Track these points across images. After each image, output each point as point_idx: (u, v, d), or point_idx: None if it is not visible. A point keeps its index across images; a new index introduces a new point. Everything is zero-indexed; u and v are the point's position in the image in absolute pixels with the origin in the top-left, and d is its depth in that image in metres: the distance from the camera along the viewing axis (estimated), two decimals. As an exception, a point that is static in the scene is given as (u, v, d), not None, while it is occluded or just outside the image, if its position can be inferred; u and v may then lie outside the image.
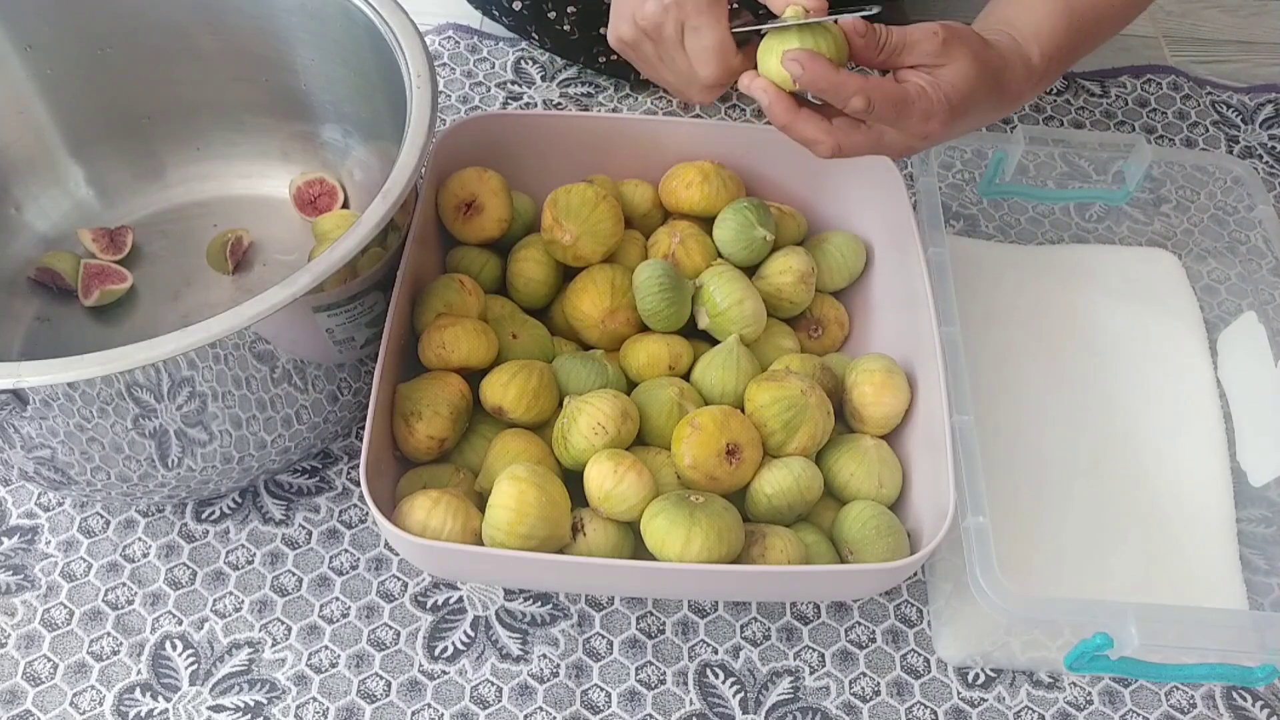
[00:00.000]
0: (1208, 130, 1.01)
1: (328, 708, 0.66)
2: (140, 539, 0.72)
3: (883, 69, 0.59)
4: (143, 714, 0.65)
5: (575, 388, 0.68)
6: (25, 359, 0.53)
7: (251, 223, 0.85)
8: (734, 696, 0.67)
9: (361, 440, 0.62)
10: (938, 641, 0.69)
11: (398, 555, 0.72)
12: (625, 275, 0.72)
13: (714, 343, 0.72)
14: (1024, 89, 0.61)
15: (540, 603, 0.70)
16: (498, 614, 0.70)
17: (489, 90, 1.00)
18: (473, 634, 0.69)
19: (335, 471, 0.75)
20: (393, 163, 0.63)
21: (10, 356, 0.77)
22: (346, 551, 0.72)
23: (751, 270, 0.76)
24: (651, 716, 0.66)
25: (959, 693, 0.68)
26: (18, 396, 0.55)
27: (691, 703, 0.67)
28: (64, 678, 0.66)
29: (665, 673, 0.68)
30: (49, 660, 0.67)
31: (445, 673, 0.67)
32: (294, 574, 0.71)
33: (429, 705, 0.66)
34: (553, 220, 0.72)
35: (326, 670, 0.67)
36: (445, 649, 0.68)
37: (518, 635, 0.69)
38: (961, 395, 0.64)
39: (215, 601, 0.70)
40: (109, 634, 0.68)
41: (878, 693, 0.68)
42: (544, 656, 0.68)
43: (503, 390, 0.66)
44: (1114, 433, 0.76)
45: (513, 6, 0.96)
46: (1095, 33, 0.64)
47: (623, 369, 0.71)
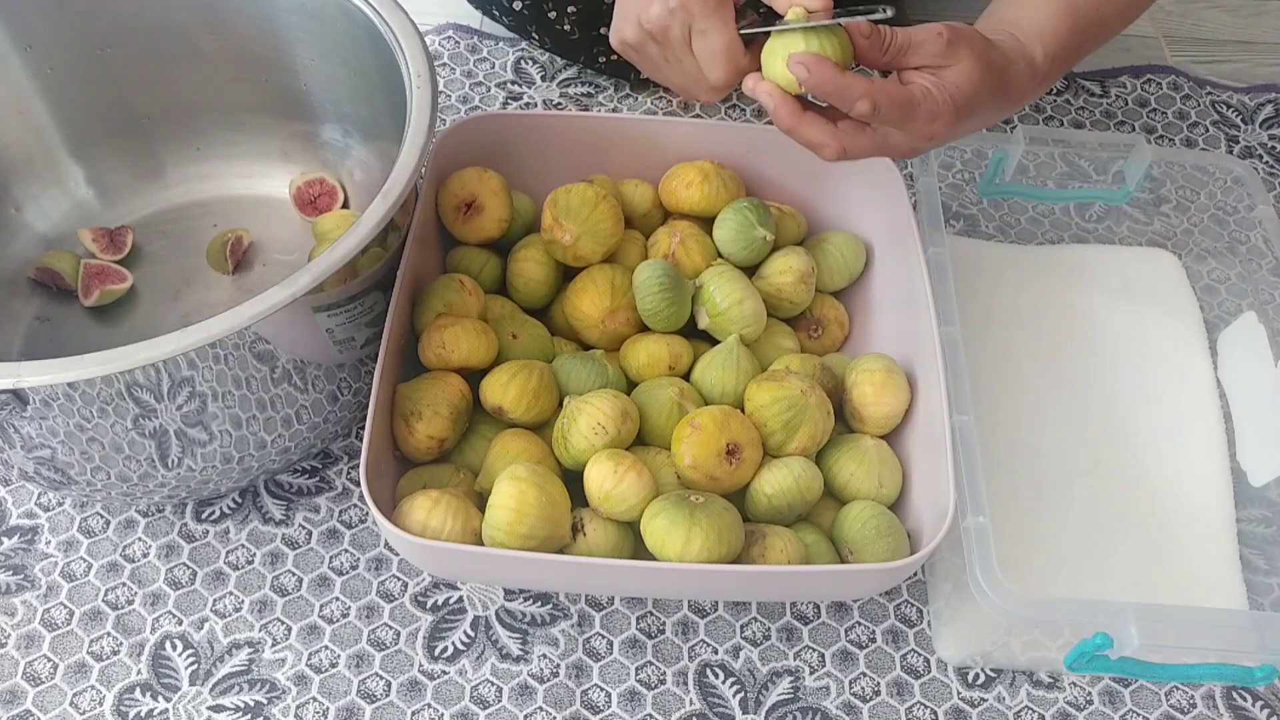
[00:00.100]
0: (1208, 130, 1.01)
1: (328, 708, 0.66)
2: (140, 539, 0.72)
3: (887, 70, 0.58)
4: (143, 714, 0.65)
5: (575, 388, 0.68)
6: (25, 359, 0.53)
7: (251, 223, 0.85)
8: (734, 696, 0.67)
9: (361, 440, 0.62)
10: (938, 641, 0.69)
11: (398, 555, 0.72)
12: (625, 275, 0.72)
13: (714, 343, 0.72)
14: (1028, 89, 0.61)
15: (540, 603, 0.70)
16: (498, 614, 0.70)
17: (489, 90, 1.00)
18: (473, 634, 0.69)
19: (335, 471, 0.75)
20: (393, 163, 0.63)
21: (10, 356, 0.77)
22: (346, 551, 0.72)
23: (751, 270, 0.76)
24: (651, 716, 0.66)
25: (959, 693, 0.68)
26: (18, 396, 0.55)
27: (691, 703, 0.67)
28: (64, 678, 0.66)
29: (665, 673, 0.68)
30: (49, 660, 0.67)
31: (445, 673, 0.67)
32: (294, 574, 0.71)
33: (429, 705, 0.66)
34: (553, 220, 0.72)
35: (326, 670, 0.67)
36: (445, 649, 0.68)
37: (518, 635, 0.69)
38: (961, 395, 0.64)
39: (215, 601, 0.70)
40: (109, 634, 0.68)
41: (878, 693, 0.68)
42: (544, 656, 0.68)
43: (503, 390, 0.66)
44: (1114, 433, 0.76)
45: (513, 6, 0.96)
46: (1098, 32, 0.64)
47: (623, 369, 0.71)
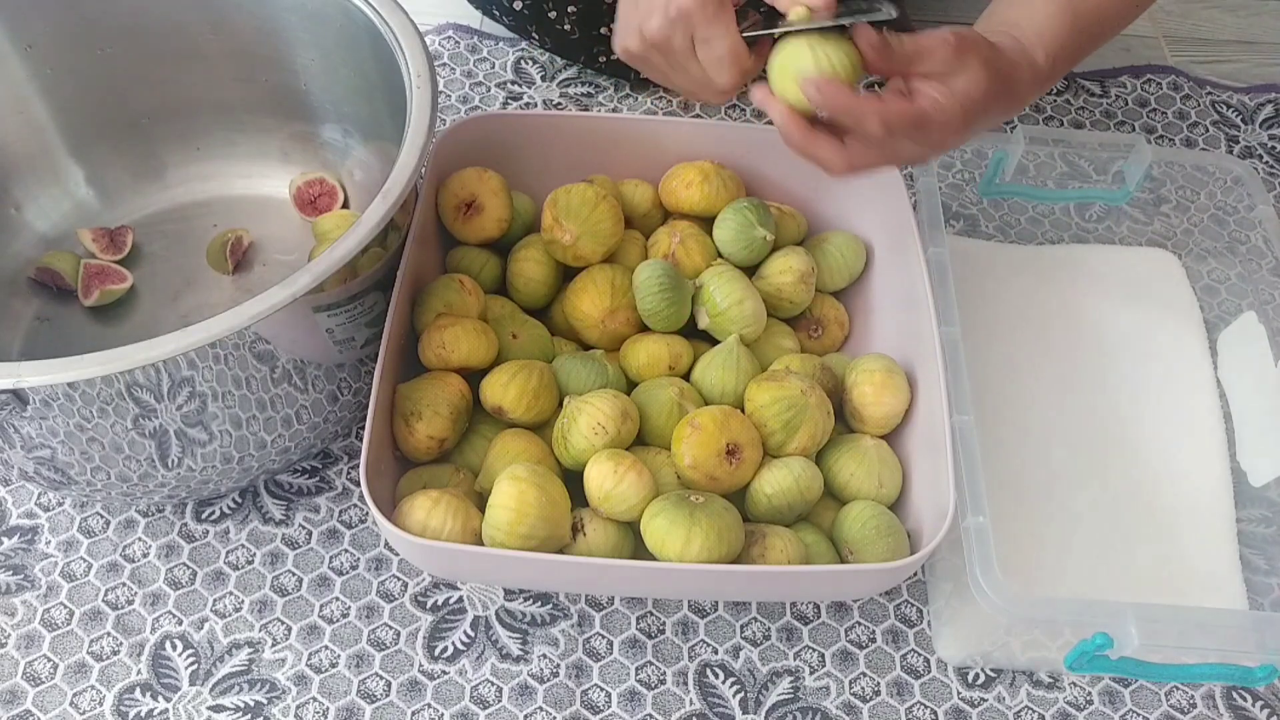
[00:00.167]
0: (1208, 130, 1.01)
1: (328, 708, 0.66)
2: (140, 539, 0.72)
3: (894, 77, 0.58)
4: (143, 714, 0.65)
5: (575, 388, 0.68)
6: (25, 359, 0.53)
7: (251, 223, 0.85)
8: (734, 696, 0.67)
9: (361, 440, 0.62)
10: (938, 641, 0.69)
11: (398, 555, 0.72)
12: (625, 275, 0.72)
13: (714, 343, 0.72)
14: (1031, 91, 0.61)
15: (540, 603, 0.70)
16: (498, 614, 0.70)
17: (489, 90, 1.00)
18: (473, 634, 0.69)
19: (335, 471, 0.75)
20: (393, 163, 0.63)
21: (10, 356, 0.77)
22: (346, 551, 0.72)
23: (751, 270, 0.76)
24: (651, 716, 0.66)
25: (959, 693, 0.68)
26: (18, 396, 0.55)
27: (691, 703, 0.67)
28: (64, 678, 0.66)
29: (665, 673, 0.68)
30: (49, 660, 0.67)
31: (445, 673, 0.67)
32: (294, 574, 0.71)
33: (429, 705, 0.66)
34: (553, 220, 0.72)
35: (326, 670, 0.67)
36: (445, 649, 0.68)
37: (518, 635, 0.69)
38: (961, 395, 0.64)
39: (215, 601, 0.70)
40: (109, 634, 0.68)
41: (878, 693, 0.68)
42: (544, 656, 0.68)
43: (503, 390, 0.66)
44: (1114, 433, 0.76)
45: (513, 6, 0.96)
46: (1098, 32, 0.64)
47: (623, 369, 0.71)
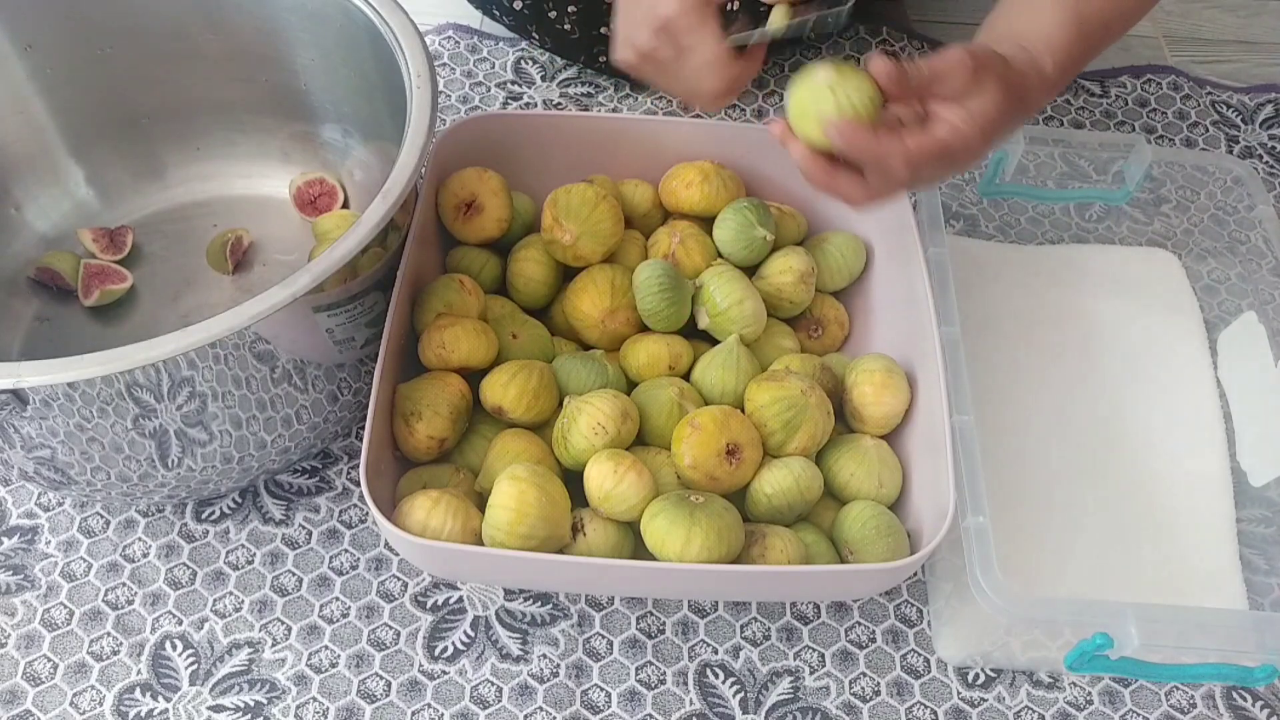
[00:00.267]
0: (1208, 130, 1.01)
1: (328, 708, 0.66)
2: (140, 539, 0.72)
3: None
4: (143, 714, 0.65)
5: (575, 388, 0.68)
6: (25, 359, 0.53)
7: (251, 223, 0.85)
8: (734, 696, 0.67)
9: (361, 440, 0.62)
10: (938, 641, 0.69)
11: (398, 555, 0.72)
12: (625, 275, 0.72)
13: (714, 343, 0.72)
14: (1041, 100, 0.62)
15: (540, 603, 0.70)
16: (498, 614, 0.70)
17: (489, 90, 1.00)
18: (473, 634, 0.69)
19: (335, 471, 0.75)
20: (393, 163, 0.63)
21: (10, 356, 0.77)
22: (346, 551, 0.72)
23: (751, 270, 0.76)
24: (651, 716, 0.66)
25: (959, 693, 0.68)
26: (18, 396, 0.55)
27: (691, 703, 0.67)
28: (64, 678, 0.66)
29: (665, 673, 0.68)
30: (49, 660, 0.67)
31: (445, 673, 0.67)
32: (294, 574, 0.71)
33: (429, 705, 0.66)
34: (553, 220, 0.72)
35: (326, 670, 0.67)
36: (445, 649, 0.68)
37: (518, 635, 0.69)
38: (961, 395, 0.64)
39: (215, 601, 0.70)
40: (109, 634, 0.68)
41: (878, 693, 0.68)
42: (544, 656, 0.68)
43: (503, 390, 0.66)
44: (1114, 432, 0.76)
45: (513, 6, 0.96)
46: (1103, 37, 0.65)
47: (623, 369, 0.71)
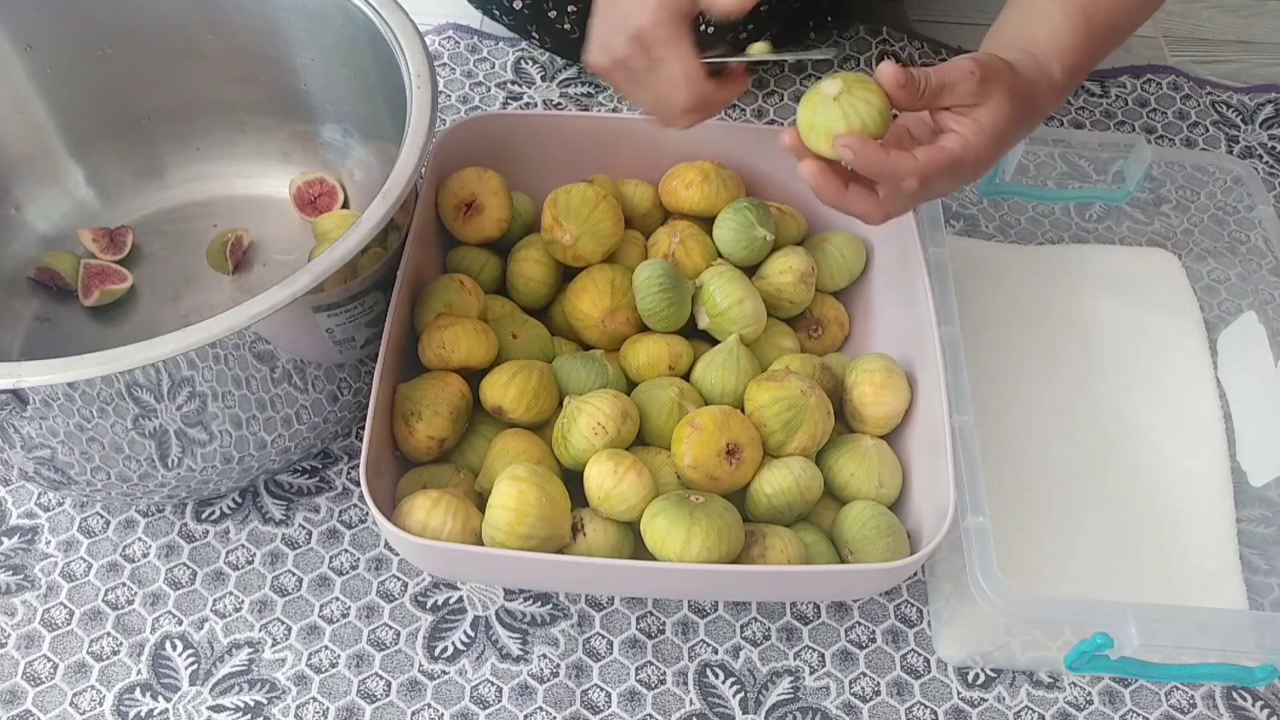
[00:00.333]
0: (1208, 130, 1.01)
1: (328, 708, 0.66)
2: (140, 539, 0.72)
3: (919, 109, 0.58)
4: (143, 714, 0.65)
5: (575, 388, 0.68)
6: (25, 359, 0.53)
7: (251, 223, 0.85)
8: (734, 696, 0.67)
9: (361, 440, 0.62)
10: (938, 641, 0.69)
11: (398, 555, 0.72)
12: (625, 275, 0.72)
13: (714, 343, 0.72)
14: (1049, 105, 0.62)
15: (540, 603, 0.70)
16: (498, 614, 0.70)
17: (489, 90, 1.00)
18: (473, 634, 0.69)
19: (335, 471, 0.75)
20: (393, 163, 0.63)
21: (10, 356, 0.77)
22: (346, 551, 0.72)
23: (751, 270, 0.76)
24: (651, 716, 0.66)
25: (959, 693, 0.68)
26: (18, 396, 0.55)
27: (691, 703, 0.67)
28: (64, 678, 0.66)
29: (665, 673, 0.68)
30: (49, 660, 0.67)
31: (445, 673, 0.67)
32: (294, 574, 0.71)
33: (429, 705, 0.66)
34: (553, 220, 0.72)
35: (326, 670, 0.67)
36: (445, 649, 0.68)
37: (518, 635, 0.69)
38: (961, 395, 0.64)
39: (215, 601, 0.70)
40: (109, 634, 0.68)
41: (878, 693, 0.68)
42: (544, 656, 0.68)
43: (503, 390, 0.66)
44: (1114, 432, 0.76)
45: (513, 6, 0.96)
46: (1111, 39, 0.65)
47: (623, 369, 0.71)
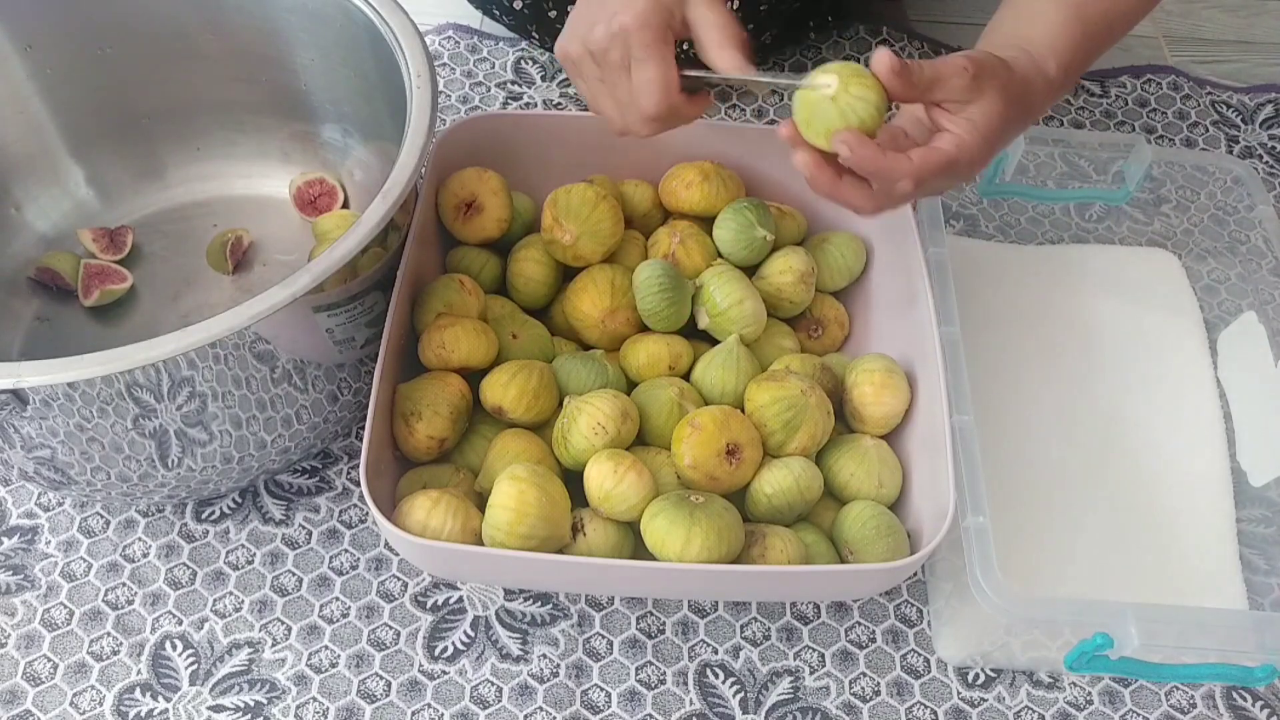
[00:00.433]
0: (1208, 130, 1.01)
1: (328, 708, 0.66)
2: (140, 539, 0.72)
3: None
4: (143, 714, 0.65)
5: (575, 388, 0.68)
6: (25, 359, 0.53)
7: (251, 223, 0.85)
8: (734, 696, 0.67)
9: (361, 440, 0.62)
10: (938, 641, 0.69)
11: (398, 555, 0.72)
12: (625, 275, 0.72)
13: (714, 343, 0.72)
14: (1045, 103, 0.62)
15: (540, 603, 0.70)
16: (498, 614, 0.70)
17: (489, 90, 1.00)
18: (473, 634, 0.69)
19: (335, 471, 0.75)
20: (393, 163, 0.63)
21: (10, 356, 0.77)
22: (346, 551, 0.72)
23: (751, 270, 0.76)
24: (651, 716, 0.66)
25: (959, 693, 0.68)
26: (18, 396, 0.55)
27: (691, 703, 0.67)
28: (64, 678, 0.66)
29: (665, 673, 0.68)
30: (49, 660, 0.67)
31: (445, 673, 0.67)
32: (294, 574, 0.71)
33: (429, 705, 0.66)
34: (553, 220, 0.72)
35: (326, 670, 0.67)
36: (445, 649, 0.68)
37: (518, 635, 0.69)
38: (961, 395, 0.64)
39: (215, 601, 0.70)
40: (109, 634, 0.68)
41: (878, 693, 0.68)
42: (544, 656, 0.68)
43: (503, 390, 0.66)
44: (1114, 432, 0.76)
45: (513, 6, 0.96)
46: (1107, 37, 0.65)
47: (623, 369, 0.71)
